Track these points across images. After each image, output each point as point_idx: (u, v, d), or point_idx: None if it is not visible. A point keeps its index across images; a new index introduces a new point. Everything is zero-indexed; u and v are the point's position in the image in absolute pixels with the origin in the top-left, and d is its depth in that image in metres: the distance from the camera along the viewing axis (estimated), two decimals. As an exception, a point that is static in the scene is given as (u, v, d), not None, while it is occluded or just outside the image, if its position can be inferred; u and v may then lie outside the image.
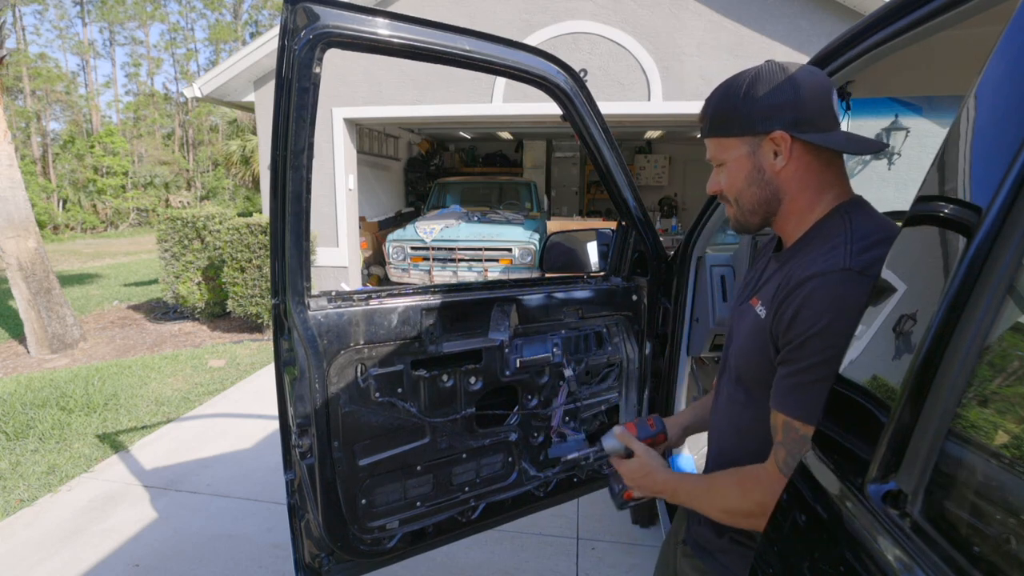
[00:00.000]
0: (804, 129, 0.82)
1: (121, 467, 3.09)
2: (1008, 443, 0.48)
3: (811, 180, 0.86)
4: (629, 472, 1.06)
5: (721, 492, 0.89)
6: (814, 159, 0.84)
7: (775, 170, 0.85)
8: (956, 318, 0.50)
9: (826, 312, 0.75)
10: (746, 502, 0.84)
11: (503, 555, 2.31)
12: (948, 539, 0.49)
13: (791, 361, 0.79)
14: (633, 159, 11.59)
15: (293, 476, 1.41)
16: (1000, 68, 0.53)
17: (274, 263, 1.28)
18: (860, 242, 0.78)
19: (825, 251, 0.80)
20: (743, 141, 0.87)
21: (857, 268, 0.75)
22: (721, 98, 0.88)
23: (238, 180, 15.35)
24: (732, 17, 5.79)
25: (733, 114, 0.86)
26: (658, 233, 1.82)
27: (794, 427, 0.78)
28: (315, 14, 1.15)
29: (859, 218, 0.82)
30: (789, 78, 0.82)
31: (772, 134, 0.83)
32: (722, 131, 0.89)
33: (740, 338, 0.94)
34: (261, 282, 5.42)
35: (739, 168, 0.89)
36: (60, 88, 28.43)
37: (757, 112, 0.83)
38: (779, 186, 0.87)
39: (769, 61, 0.85)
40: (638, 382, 1.88)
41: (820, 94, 0.82)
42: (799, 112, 0.81)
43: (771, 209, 0.89)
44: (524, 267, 6.24)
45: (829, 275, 0.77)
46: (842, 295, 0.75)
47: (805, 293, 0.78)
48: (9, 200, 5.08)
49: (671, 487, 0.98)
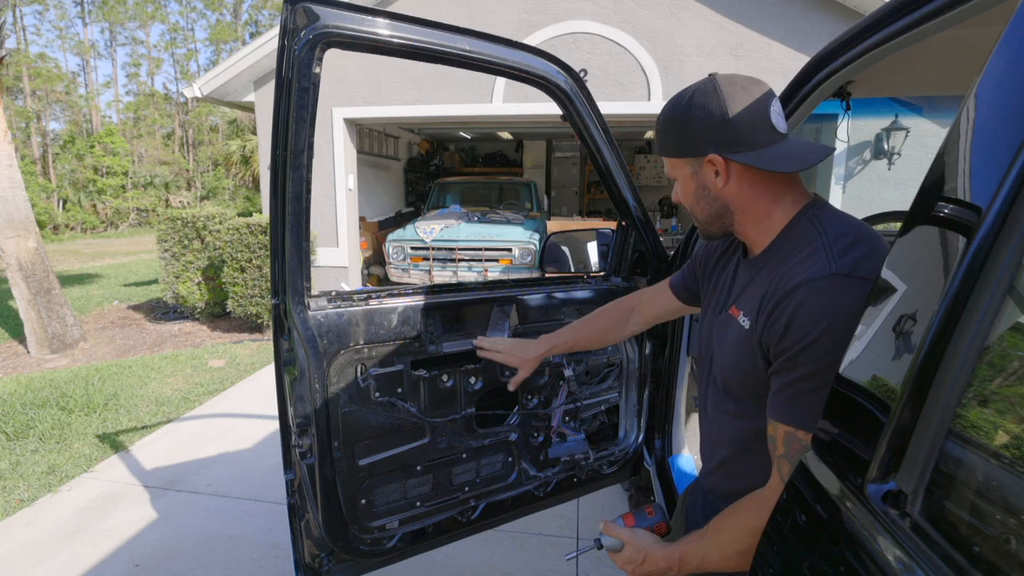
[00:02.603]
0: (736, 150, 0.83)
1: (121, 467, 3.09)
2: (1008, 443, 0.48)
3: (758, 192, 0.86)
4: (626, 562, 0.99)
5: (730, 536, 0.85)
6: (755, 173, 0.85)
7: (718, 188, 0.87)
8: (956, 318, 0.50)
9: (821, 319, 0.75)
10: (752, 535, 0.80)
11: (503, 555, 2.31)
12: (948, 539, 0.49)
13: (788, 371, 0.78)
14: (633, 159, 11.59)
15: (293, 476, 1.41)
16: (1000, 68, 0.53)
17: (274, 263, 1.28)
18: (837, 244, 0.79)
19: (804, 257, 0.80)
20: (685, 162, 0.90)
21: (844, 272, 0.76)
22: (664, 120, 0.90)
23: (238, 180, 15.37)
24: (732, 17, 5.80)
25: (673, 137, 0.89)
26: (658, 233, 1.82)
27: (797, 438, 0.77)
28: (315, 14, 1.15)
29: (826, 220, 0.83)
30: (719, 100, 0.82)
31: (708, 157, 0.85)
32: (666, 151, 0.92)
33: (724, 351, 0.92)
34: (261, 282, 5.42)
35: (687, 186, 0.92)
36: (60, 88, 28.44)
37: (691, 136, 0.86)
38: (727, 202, 0.88)
39: (708, 78, 0.85)
40: (638, 382, 1.88)
41: (751, 113, 0.82)
42: (729, 133, 0.82)
43: (725, 221, 0.91)
44: (524, 267, 6.24)
45: (818, 281, 0.76)
46: (835, 301, 0.75)
47: (797, 302, 0.77)
48: (9, 200, 5.08)
49: (676, 558, 0.92)
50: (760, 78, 0.87)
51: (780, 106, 0.86)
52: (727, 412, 0.95)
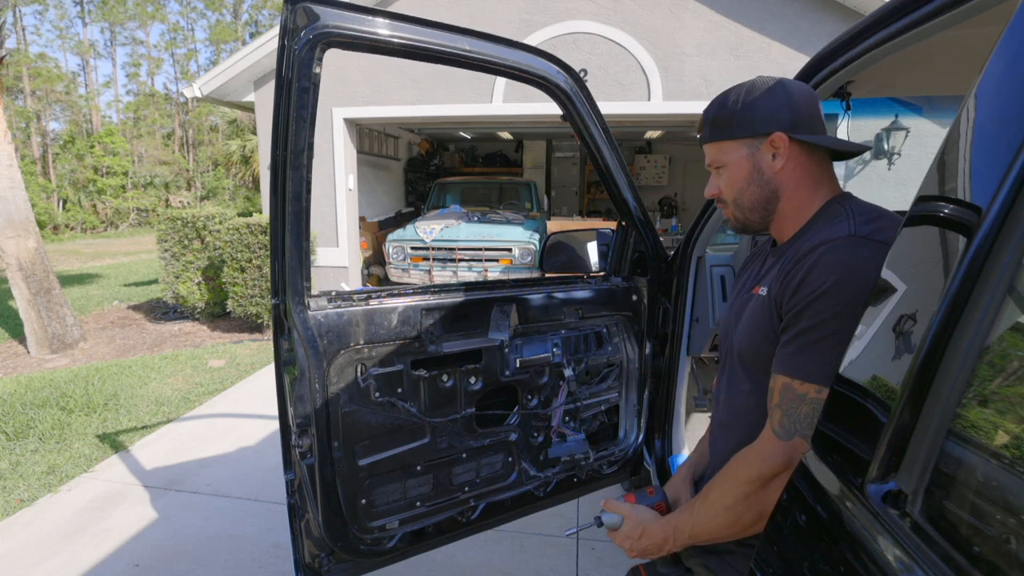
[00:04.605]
0: (800, 131, 0.89)
1: (121, 467, 3.09)
2: (1008, 443, 0.48)
3: (806, 179, 0.92)
4: (624, 539, 1.02)
5: (718, 492, 0.87)
6: (808, 159, 0.91)
7: (774, 170, 0.91)
8: (956, 318, 0.50)
9: (832, 272, 0.78)
10: (743, 485, 0.83)
11: (503, 555, 2.31)
12: (948, 539, 0.49)
13: (793, 324, 0.81)
14: (633, 159, 11.59)
15: (293, 476, 1.41)
16: (1000, 68, 0.53)
17: (274, 263, 1.28)
18: (862, 216, 0.84)
19: (828, 226, 0.85)
20: (743, 143, 0.92)
21: (863, 234, 0.80)
22: (720, 105, 0.94)
23: (238, 180, 15.36)
24: (732, 17, 5.79)
25: (733, 119, 0.92)
26: (658, 233, 1.82)
27: (792, 387, 0.79)
28: (315, 14, 1.15)
29: (855, 203, 0.89)
30: (783, 87, 0.90)
31: (771, 136, 0.89)
32: (722, 135, 0.94)
33: (743, 323, 0.95)
34: (261, 282, 5.42)
35: (739, 169, 0.94)
36: (60, 88, 28.45)
37: (757, 116, 0.90)
38: (777, 185, 0.92)
39: (760, 76, 0.93)
40: (638, 382, 1.88)
41: (810, 101, 0.90)
42: (795, 115, 0.89)
43: (770, 207, 0.94)
44: (524, 267, 6.24)
45: (835, 241, 0.81)
46: (849, 258, 0.78)
47: (813, 259, 0.81)
48: (9, 200, 5.08)
49: (670, 529, 0.95)
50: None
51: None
52: (742, 392, 0.96)
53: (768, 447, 0.81)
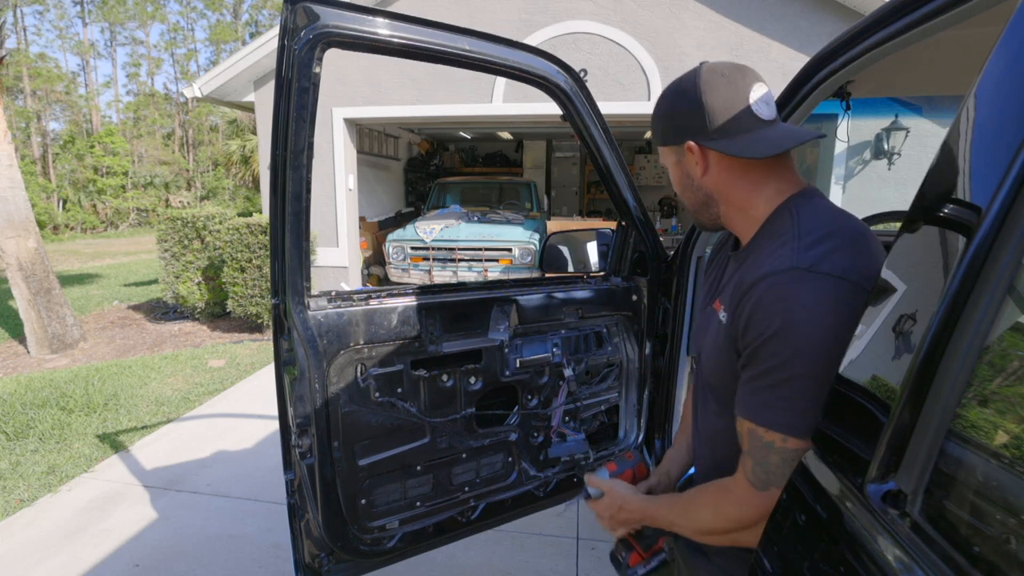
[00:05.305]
0: (713, 137, 0.83)
1: (121, 467, 3.09)
2: (1008, 443, 0.48)
3: (739, 181, 0.86)
4: (603, 511, 1.02)
5: (696, 512, 0.87)
6: (734, 161, 0.84)
7: (699, 176, 0.88)
8: (956, 318, 0.50)
9: (777, 314, 0.73)
10: (720, 520, 0.83)
11: (503, 555, 2.31)
12: (947, 539, 0.49)
13: (749, 366, 0.78)
14: (633, 159, 11.59)
15: (293, 476, 1.41)
16: (1000, 68, 0.53)
17: (274, 263, 1.28)
18: (806, 238, 0.76)
19: (773, 250, 0.79)
20: (671, 150, 0.91)
21: (804, 266, 0.73)
22: (656, 108, 0.92)
23: (238, 180, 15.36)
24: (732, 17, 5.79)
25: (659, 125, 0.91)
26: (658, 233, 1.82)
27: (758, 434, 0.76)
28: (315, 14, 1.15)
29: (806, 213, 0.80)
30: (697, 89, 0.83)
31: (686, 144, 0.86)
32: (656, 141, 0.94)
33: (707, 346, 0.92)
34: (261, 282, 5.42)
35: (674, 174, 0.93)
36: (60, 88, 28.45)
37: (672, 124, 0.88)
38: (709, 190, 0.89)
39: (695, 67, 0.86)
40: (638, 382, 1.88)
41: (729, 100, 0.82)
42: (706, 121, 0.82)
43: (712, 210, 0.91)
44: (524, 267, 6.24)
45: (777, 275, 0.75)
46: (792, 295, 0.73)
47: (756, 296, 0.76)
48: (9, 200, 5.08)
49: (649, 512, 0.96)
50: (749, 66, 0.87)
51: (768, 93, 0.85)
52: (711, 412, 0.95)
53: (744, 495, 0.78)
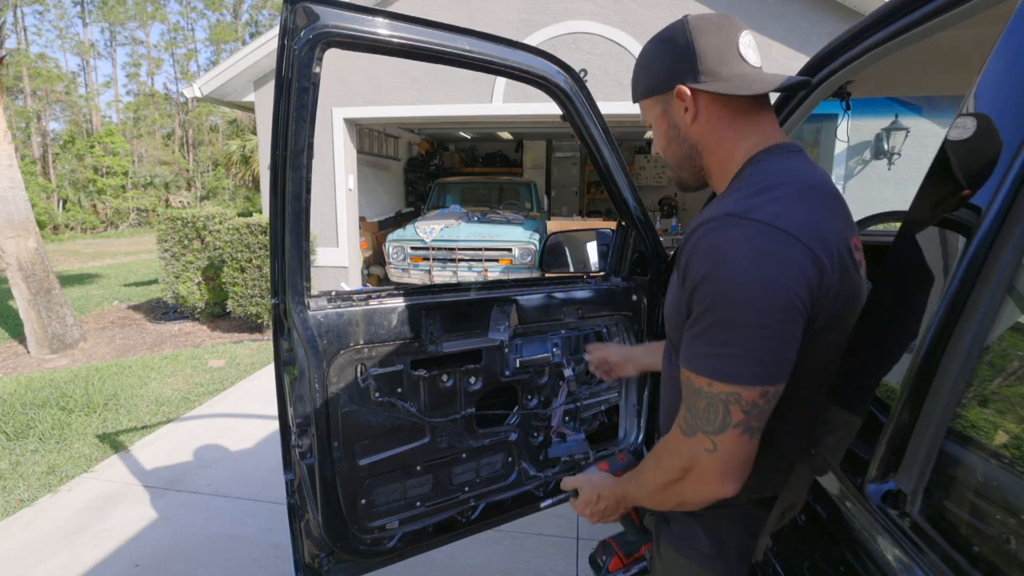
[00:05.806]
0: (705, 80, 0.80)
1: (121, 467, 3.09)
2: (1007, 443, 0.48)
3: (725, 131, 0.83)
4: (585, 505, 1.00)
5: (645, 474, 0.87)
6: (723, 108, 0.82)
7: (687, 125, 0.85)
8: (956, 318, 0.50)
9: (706, 260, 0.72)
10: (659, 473, 0.81)
11: (503, 555, 2.31)
12: (947, 539, 0.49)
13: (689, 312, 0.77)
14: (633, 159, 11.59)
15: (293, 476, 1.41)
16: (1000, 68, 0.53)
17: (274, 263, 1.28)
18: (751, 187, 0.75)
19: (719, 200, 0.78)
20: (656, 101, 0.87)
21: (736, 212, 0.72)
22: (637, 63, 0.90)
23: (238, 180, 15.36)
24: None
25: (644, 76, 0.88)
26: (658, 233, 1.82)
27: (691, 381, 0.75)
28: (315, 14, 1.15)
29: (764, 165, 0.79)
30: (686, 32, 0.81)
31: (675, 90, 0.82)
32: (639, 94, 0.91)
33: (668, 302, 0.91)
34: (261, 282, 5.42)
35: (659, 127, 0.90)
36: (60, 88, 28.45)
37: (659, 71, 0.84)
38: (695, 141, 0.86)
39: (684, 16, 0.84)
40: (638, 382, 1.88)
41: (718, 42, 0.80)
42: (698, 63, 0.80)
43: (696, 163, 0.88)
44: (524, 267, 6.24)
45: (710, 222, 0.73)
46: (719, 240, 0.71)
47: (691, 244, 0.75)
48: (9, 200, 5.08)
49: (619, 491, 0.95)
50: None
51: (752, 40, 0.83)
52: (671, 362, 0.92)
53: (675, 441, 0.78)
